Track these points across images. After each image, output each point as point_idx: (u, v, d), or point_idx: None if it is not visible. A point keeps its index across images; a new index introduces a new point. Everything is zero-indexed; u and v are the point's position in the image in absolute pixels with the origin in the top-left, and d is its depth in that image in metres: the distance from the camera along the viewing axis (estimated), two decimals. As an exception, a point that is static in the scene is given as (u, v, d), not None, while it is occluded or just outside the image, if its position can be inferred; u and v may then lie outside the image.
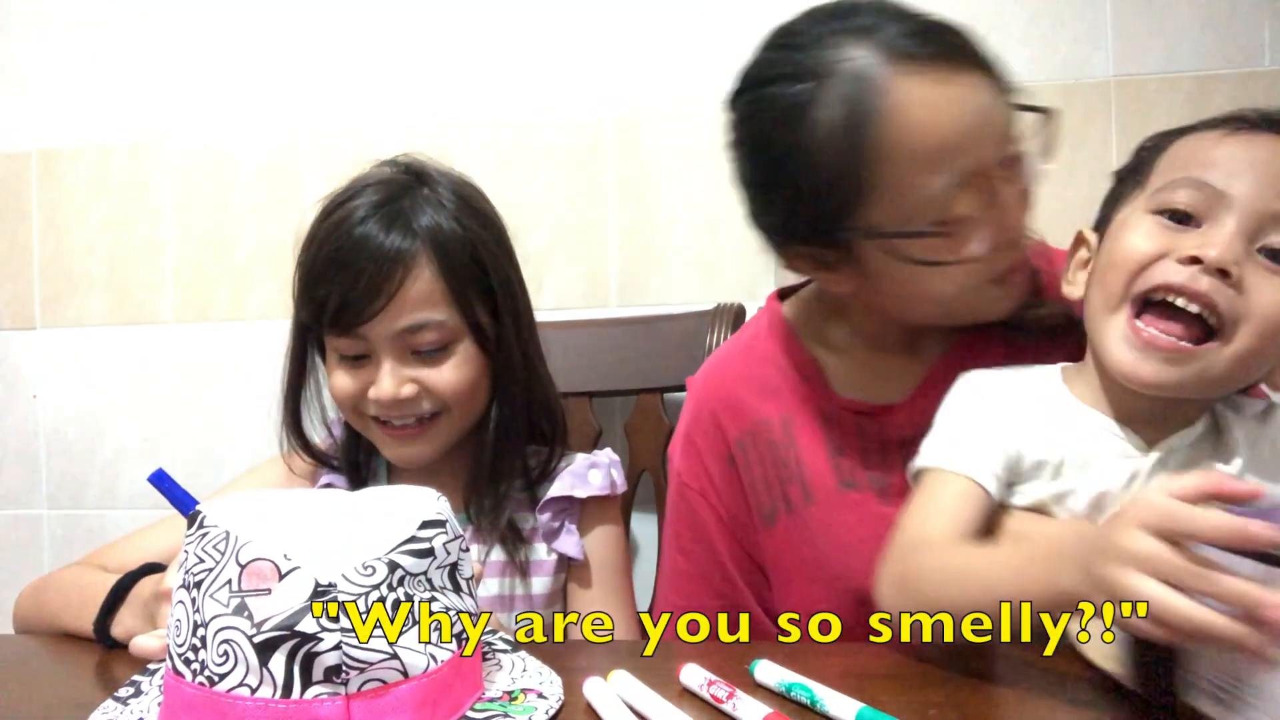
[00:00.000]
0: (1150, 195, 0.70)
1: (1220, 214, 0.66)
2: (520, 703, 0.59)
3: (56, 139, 1.51)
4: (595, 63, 1.39)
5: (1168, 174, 0.69)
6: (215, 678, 0.51)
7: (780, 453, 0.89)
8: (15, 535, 1.53)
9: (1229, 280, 0.64)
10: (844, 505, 0.85)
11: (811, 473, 0.87)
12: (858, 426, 0.87)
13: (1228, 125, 0.70)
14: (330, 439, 1.01)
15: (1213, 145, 0.69)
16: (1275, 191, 0.65)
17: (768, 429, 0.90)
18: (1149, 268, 0.67)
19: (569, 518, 0.97)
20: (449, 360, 0.90)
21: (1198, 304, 0.65)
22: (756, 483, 0.90)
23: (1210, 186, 0.66)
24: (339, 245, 0.87)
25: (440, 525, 0.59)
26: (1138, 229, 0.69)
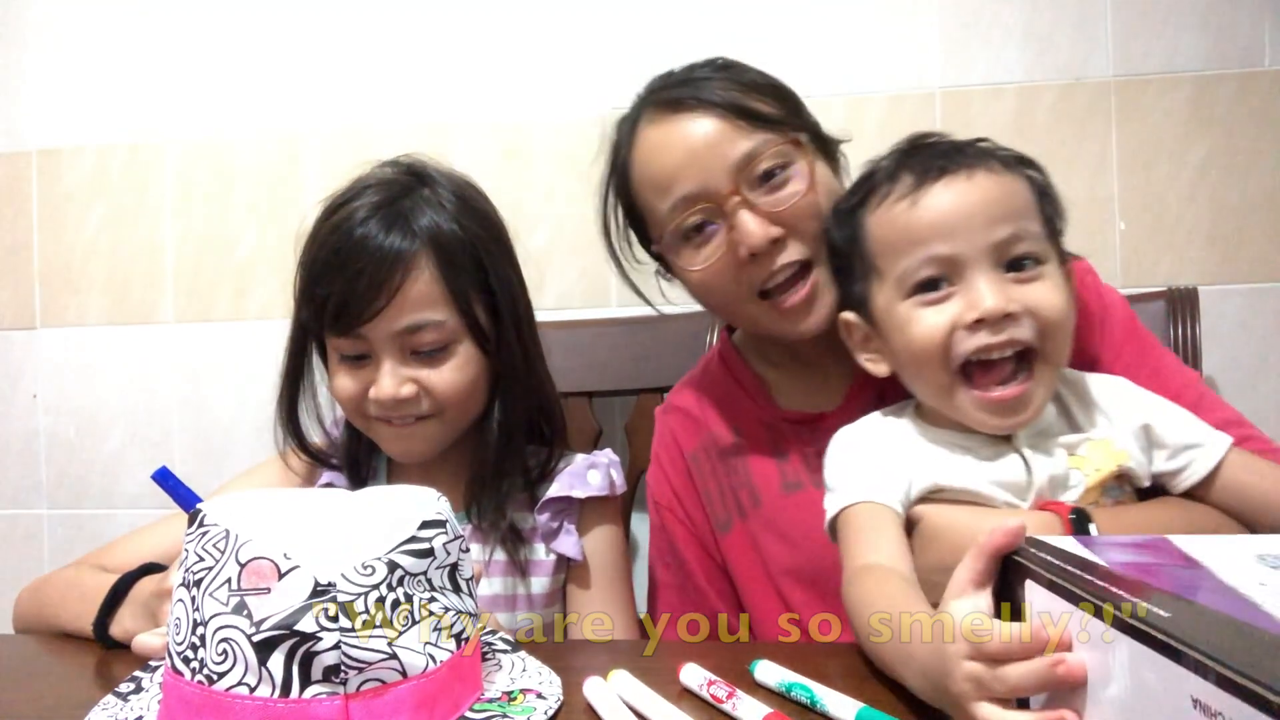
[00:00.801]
0: (895, 285, 0.76)
1: (963, 271, 0.73)
2: (519, 703, 0.59)
3: (56, 139, 1.51)
4: (595, 62, 1.39)
5: (894, 258, 0.76)
6: (214, 676, 0.51)
7: (730, 462, 0.97)
8: (15, 535, 1.53)
9: (1013, 315, 0.71)
10: (789, 504, 0.92)
11: (759, 478, 0.95)
12: (797, 434, 0.94)
13: (904, 182, 0.76)
14: (327, 438, 1.01)
15: (908, 216, 0.75)
16: (983, 223, 0.72)
17: (718, 443, 0.98)
18: (949, 347, 0.73)
19: (568, 518, 0.97)
20: (449, 361, 0.90)
21: (1010, 349, 0.72)
22: (712, 493, 0.98)
23: (938, 257, 0.73)
24: (340, 246, 0.87)
25: (440, 525, 0.59)
26: (912, 322, 0.75)
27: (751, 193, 0.84)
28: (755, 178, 0.84)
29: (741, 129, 0.85)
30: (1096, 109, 1.29)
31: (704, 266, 0.88)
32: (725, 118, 0.85)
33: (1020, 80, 1.31)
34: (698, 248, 0.88)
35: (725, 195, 0.84)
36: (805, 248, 0.86)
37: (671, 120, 0.87)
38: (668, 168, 0.87)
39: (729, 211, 0.85)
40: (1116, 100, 1.29)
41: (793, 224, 0.85)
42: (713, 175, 0.84)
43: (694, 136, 0.85)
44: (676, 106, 0.87)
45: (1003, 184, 0.75)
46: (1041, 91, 1.30)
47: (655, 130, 0.88)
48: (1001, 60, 1.31)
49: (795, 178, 0.85)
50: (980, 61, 1.31)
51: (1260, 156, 1.26)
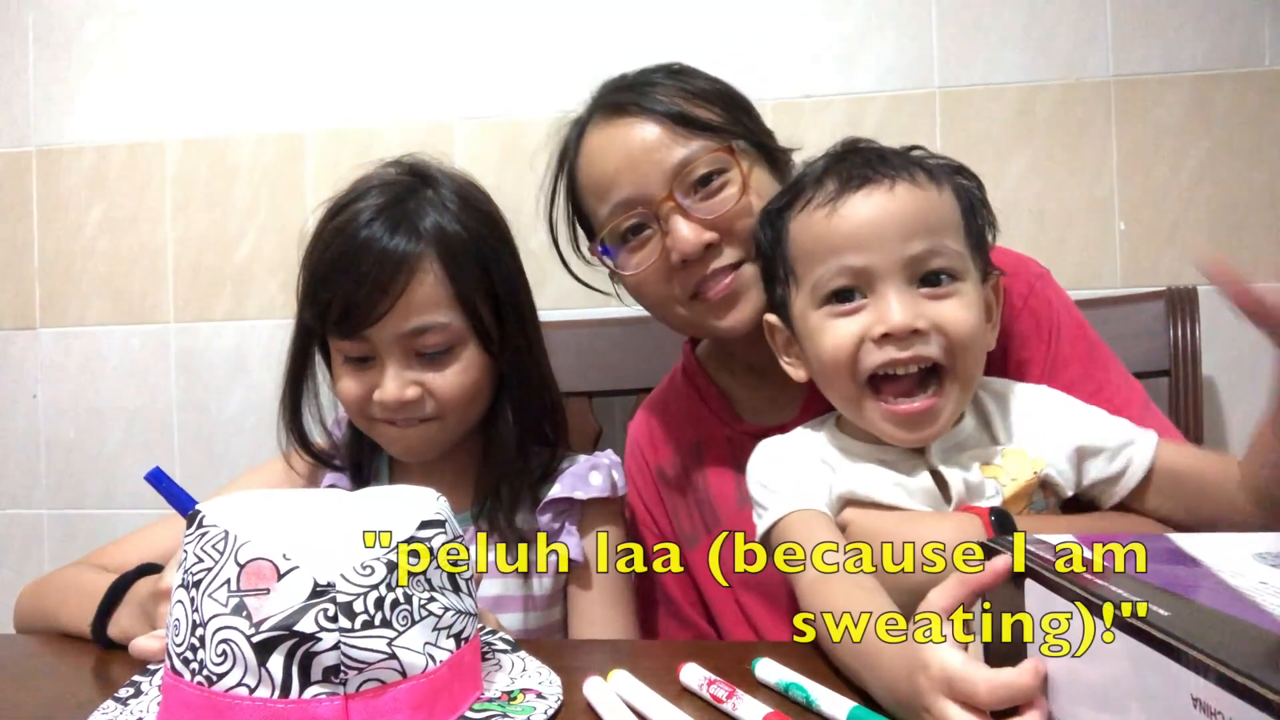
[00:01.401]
0: (809, 293, 0.76)
1: (875, 284, 0.73)
2: (519, 703, 0.59)
3: (56, 139, 1.51)
4: (595, 61, 1.38)
5: (809, 267, 0.76)
6: (214, 677, 0.51)
7: (693, 478, 0.98)
8: (15, 535, 1.53)
9: (920, 331, 0.71)
10: (744, 520, 0.90)
11: (716, 494, 0.96)
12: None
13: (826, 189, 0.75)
14: (329, 439, 1.01)
15: (826, 225, 0.74)
16: (898, 237, 0.72)
17: (682, 457, 0.99)
18: (857, 359, 0.73)
19: (569, 519, 0.96)
20: (453, 364, 0.90)
21: (915, 365, 0.72)
22: (679, 509, 1.00)
23: (851, 269, 0.73)
24: (344, 248, 0.87)
25: (439, 525, 0.59)
26: (824, 332, 0.75)
27: (686, 198, 0.86)
28: (690, 184, 0.86)
29: (679, 136, 0.86)
30: (1096, 109, 1.29)
31: (638, 270, 0.89)
32: (664, 124, 0.86)
33: (1020, 80, 1.31)
34: (633, 251, 0.89)
35: (660, 201, 0.86)
36: (739, 252, 0.87)
37: (614, 125, 0.89)
38: (608, 172, 0.88)
39: (663, 216, 0.86)
40: (1116, 100, 1.29)
41: (726, 228, 0.86)
42: (649, 181, 0.86)
43: (633, 142, 0.87)
44: (619, 111, 0.89)
45: (924, 197, 0.74)
46: (1041, 91, 1.30)
47: (598, 134, 0.90)
48: (1001, 60, 1.31)
49: (730, 184, 0.86)
50: (980, 61, 1.31)
51: (1260, 156, 1.26)
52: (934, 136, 1.31)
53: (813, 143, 1.32)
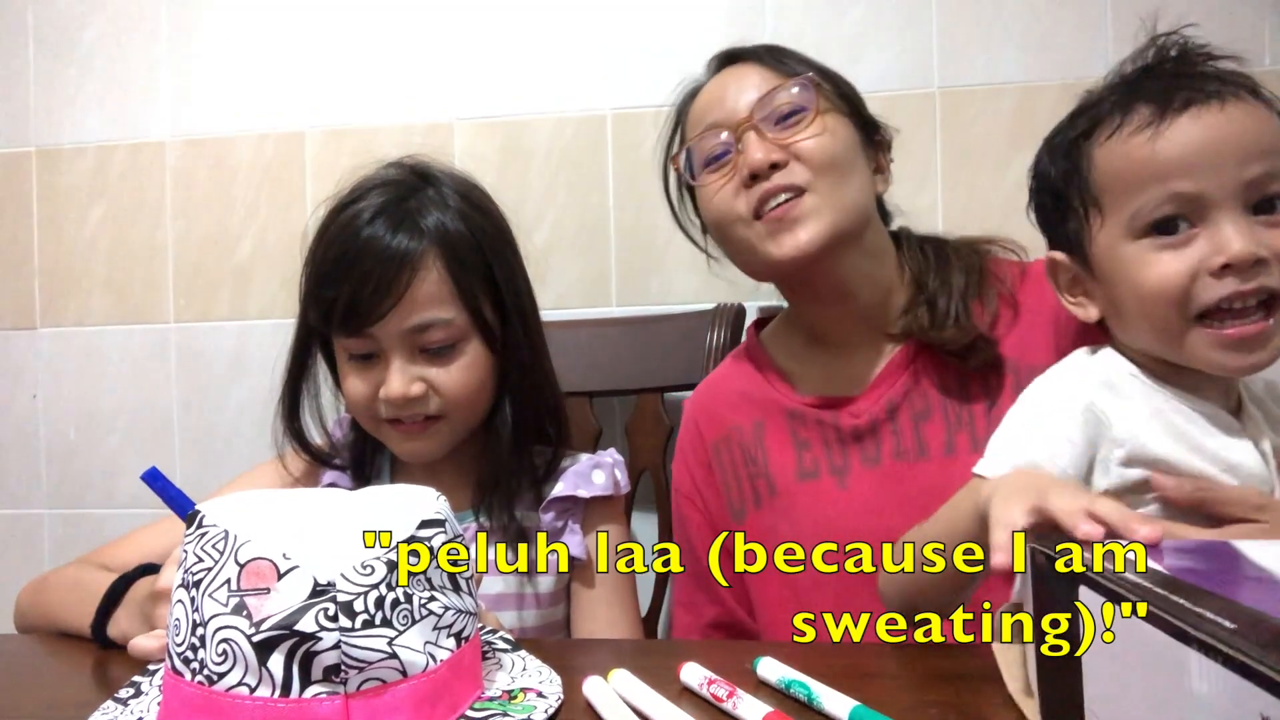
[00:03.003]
0: (1126, 222, 0.70)
1: (1207, 212, 0.67)
2: (519, 702, 0.59)
3: (56, 138, 1.51)
4: (596, 61, 1.39)
5: (1125, 195, 0.70)
6: (214, 677, 0.51)
7: (751, 452, 0.99)
8: (15, 535, 1.53)
9: (1264, 260, 0.65)
10: (802, 493, 0.94)
11: (776, 467, 0.97)
12: (818, 419, 0.96)
13: (1140, 113, 0.70)
14: (328, 439, 1.01)
15: (1149, 149, 0.69)
16: (1235, 161, 0.66)
17: (740, 433, 1.00)
18: (1190, 294, 0.68)
19: (572, 518, 0.97)
20: (457, 360, 0.90)
21: (1256, 298, 0.66)
22: (729, 482, 1.00)
23: (1181, 195, 0.67)
24: (346, 247, 0.88)
25: (439, 525, 0.59)
26: (1147, 264, 0.69)
27: (765, 124, 0.91)
28: (772, 113, 0.91)
29: (774, 74, 0.93)
30: (1096, 109, 1.29)
31: (712, 183, 0.94)
32: (761, 64, 0.95)
33: (1020, 80, 1.31)
34: (711, 170, 0.94)
35: (742, 122, 0.92)
36: (806, 174, 0.89)
37: (720, 74, 0.97)
38: (706, 104, 0.96)
39: (740, 136, 0.92)
40: (1116, 100, 1.29)
41: (796, 155, 0.90)
42: (736, 105, 0.93)
43: (730, 79, 0.95)
44: (726, 61, 0.98)
45: (1256, 117, 0.68)
46: (1041, 91, 1.30)
47: (706, 86, 0.98)
48: (1001, 60, 1.31)
49: (809, 122, 0.90)
50: (980, 61, 1.31)
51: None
52: (934, 136, 1.31)
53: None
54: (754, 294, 1.33)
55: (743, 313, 1.26)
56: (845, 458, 0.94)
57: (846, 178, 0.91)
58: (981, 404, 0.91)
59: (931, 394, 0.92)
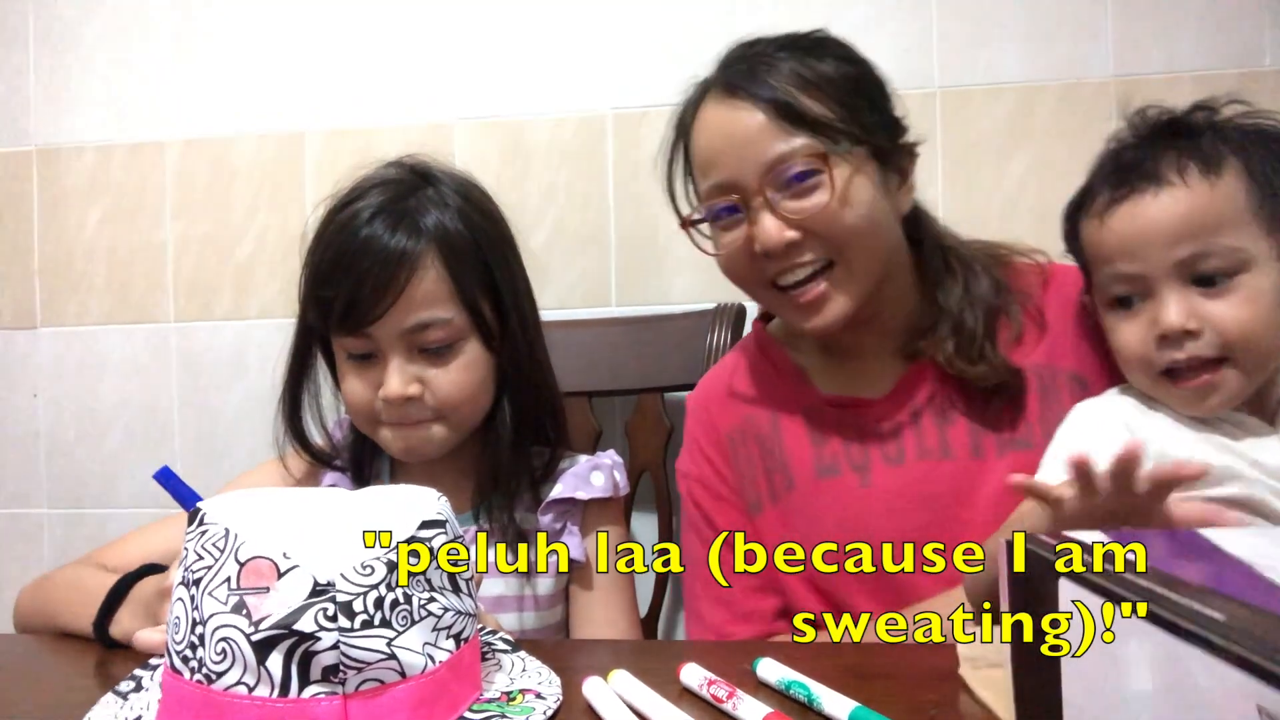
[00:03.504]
0: (1098, 292, 0.82)
1: (1153, 288, 0.77)
2: (518, 703, 0.59)
3: (57, 138, 1.51)
4: (596, 61, 1.39)
5: (1094, 269, 0.82)
6: (213, 676, 0.51)
7: (767, 445, 0.96)
8: (15, 535, 1.53)
9: (1193, 331, 0.75)
10: (822, 489, 0.92)
11: (794, 461, 0.94)
12: (838, 418, 0.94)
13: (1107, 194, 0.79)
14: (328, 440, 1.01)
15: (1099, 234, 0.80)
16: (1164, 244, 0.75)
17: (756, 425, 0.97)
18: (1148, 357, 0.78)
19: (571, 519, 0.97)
20: (455, 360, 0.90)
21: (1194, 364, 0.76)
22: (745, 475, 0.97)
23: (1127, 275, 0.78)
24: (345, 246, 0.88)
25: (440, 525, 0.58)
26: (1115, 329, 0.81)
27: (776, 194, 0.85)
28: (784, 180, 0.85)
29: (782, 130, 0.85)
30: (1096, 109, 1.29)
31: (725, 251, 0.91)
32: (770, 115, 0.85)
33: (1020, 80, 1.31)
34: (723, 230, 0.90)
35: (752, 192, 0.86)
36: (823, 250, 0.86)
37: (724, 105, 0.89)
38: (710, 151, 0.89)
39: (753, 207, 0.87)
40: (1116, 100, 1.29)
41: (811, 230, 0.85)
42: (744, 170, 0.86)
43: (736, 127, 0.87)
44: (731, 92, 0.88)
45: (1193, 198, 0.75)
46: (1041, 91, 1.30)
47: (710, 110, 0.90)
48: (1001, 60, 1.31)
49: (823, 187, 0.84)
50: (980, 61, 1.31)
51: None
52: (934, 136, 1.31)
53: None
54: (754, 294, 1.34)
55: (743, 313, 1.26)
56: (865, 455, 0.92)
57: (870, 237, 0.87)
58: (1007, 409, 0.90)
59: (956, 399, 0.91)
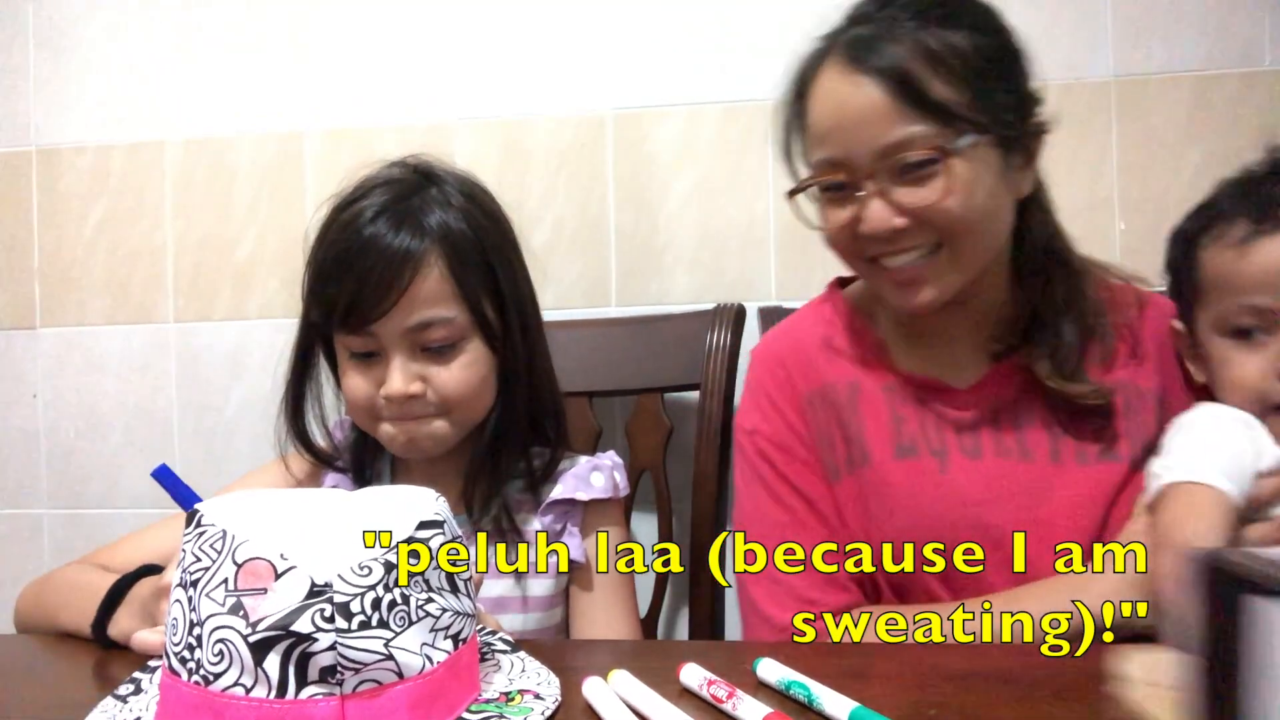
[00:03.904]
0: (1214, 320, 0.81)
1: None
2: (517, 703, 0.59)
3: (56, 138, 1.51)
4: (595, 61, 1.39)
5: (1216, 298, 0.81)
6: (210, 677, 0.51)
7: (844, 414, 0.93)
8: (15, 535, 1.53)
9: None
10: (900, 469, 0.89)
11: (871, 436, 0.91)
12: (918, 399, 0.91)
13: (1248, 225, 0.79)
14: (329, 440, 1.01)
15: (1235, 265, 0.79)
16: None
17: (834, 391, 0.94)
18: (1263, 392, 0.78)
19: (571, 520, 0.97)
20: (457, 359, 0.90)
21: None
22: (822, 439, 0.93)
23: (1260, 309, 0.77)
24: (349, 245, 0.88)
25: (438, 526, 0.58)
26: (1228, 361, 0.80)
27: (888, 180, 0.82)
28: (898, 167, 0.81)
29: (903, 114, 0.80)
30: (1096, 109, 1.29)
31: (829, 225, 0.88)
32: (891, 94, 0.80)
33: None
34: (829, 205, 0.87)
35: (863, 174, 0.83)
36: (931, 237, 0.83)
37: (843, 76, 0.83)
38: (825, 125, 0.85)
39: (863, 189, 0.83)
40: (1116, 100, 1.29)
41: (920, 219, 0.82)
42: (857, 151, 0.82)
43: (853, 104, 0.82)
44: (853, 63, 0.82)
45: None
46: (1041, 92, 1.30)
47: (828, 78, 0.85)
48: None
49: (939, 178, 0.81)
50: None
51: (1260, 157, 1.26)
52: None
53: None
54: (754, 294, 1.34)
55: (743, 313, 1.26)
56: (943, 442, 0.90)
57: (982, 227, 0.84)
58: (1089, 420, 0.88)
59: (1037, 404, 0.89)
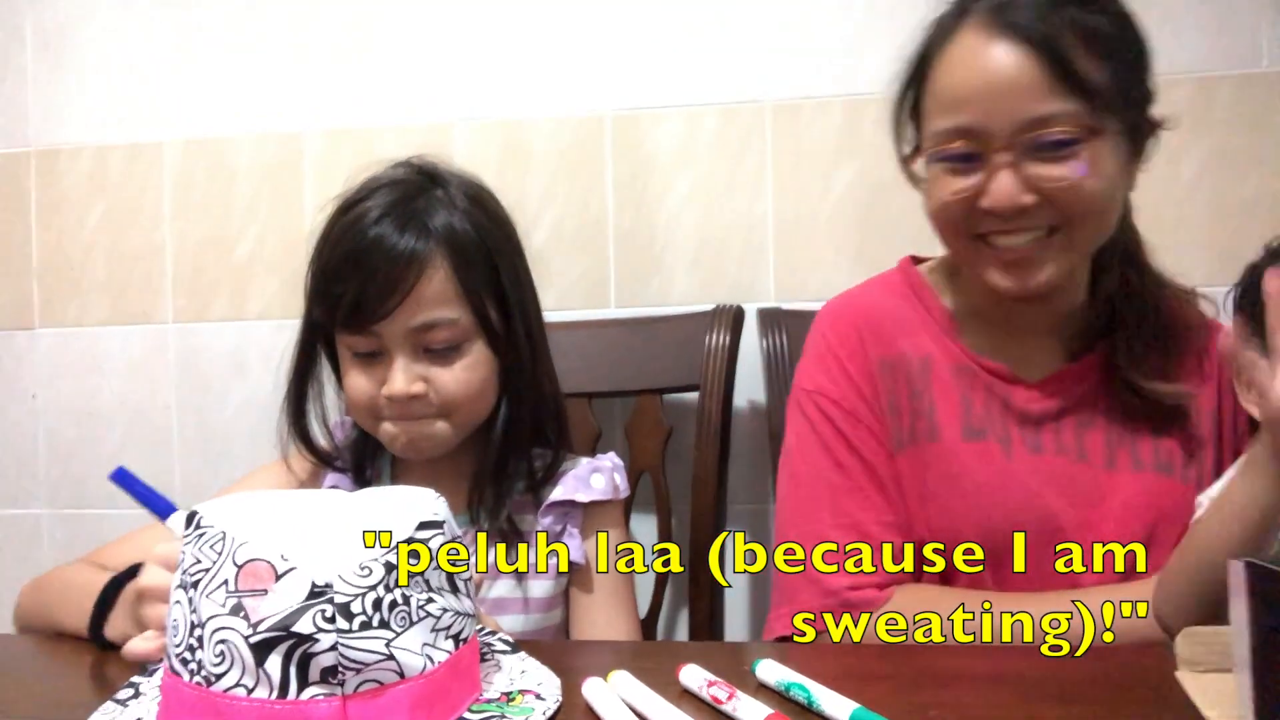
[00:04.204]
0: None
1: None
2: (518, 704, 0.59)
3: (56, 139, 1.51)
4: (595, 62, 1.39)
5: None
6: (212, 678, 0.51)
7: (916, 387, 0.91)
8: (15, 535, 1.53)
9: None
10: (968, 452, 0.88)
11: (942, 413, 0.90)
12: (987, 385, 0.91)
13: None
14: (331, 441, 1.01)
15: None
16: None
17: (907, 362, 0.92)
18: None
19: (571, 521, 0.97)
20: (460, 361, 0.90)
21: None
22: (889, 408, 0.91)
23: None
24: (353, 245, 0.88)
25: (438, 526, 0.58)
26: None
27: (1024, 156, 0.79)
28: (1038, 144, 0.78)
29: (1049, 88, 0.77)
30: (1096, 109, 1.29)
31: (943, 195, 0.84)
32: (1040, 66, 0.77)
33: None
34: (947, 174, 0.83)
35: (998, 146, 0.79)
36: (1052, 219, 0.81)
37: (989, 40, 0.79)
38: (961, 89, 0.81)
39: (994, 161, 0.80)
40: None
41: (1050, 198, 0.80)
42: (996, 121, 0.79)
43: (999, 72, 0.79)
44: (1003, 29, 0.79)
45: None
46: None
47: (971, 40, 0.81)
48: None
49: (1078, 159, 0.78)
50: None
51: (1259, 157, 1.26)
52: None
53: (813, 144, 1.33)
54: (754, 295, 1.34)
55: (741, 314, 1.26)
56: (1007, 431, 0.89)
57: (1103, 216, 0.83)
58: (1149, 429, 0.89)
59: (1100, 407, 0.90)
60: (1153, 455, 0.89)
